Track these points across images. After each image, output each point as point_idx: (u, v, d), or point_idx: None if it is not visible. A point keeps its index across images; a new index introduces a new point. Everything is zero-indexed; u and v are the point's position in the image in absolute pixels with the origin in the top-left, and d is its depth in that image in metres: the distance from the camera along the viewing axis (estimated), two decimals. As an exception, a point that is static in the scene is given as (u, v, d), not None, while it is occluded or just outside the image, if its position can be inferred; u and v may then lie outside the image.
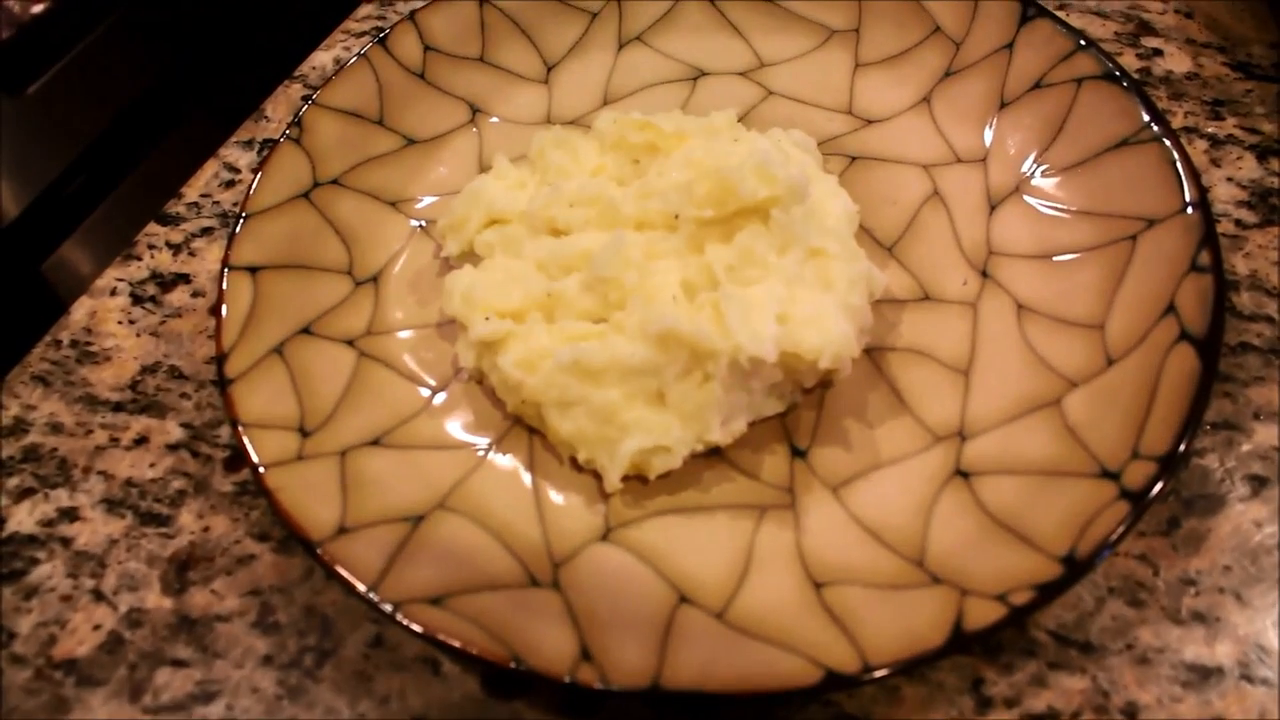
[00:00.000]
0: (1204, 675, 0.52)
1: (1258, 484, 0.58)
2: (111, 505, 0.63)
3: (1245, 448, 0.59)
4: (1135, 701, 0.52)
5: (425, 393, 0.63)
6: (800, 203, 0.59)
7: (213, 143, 0.81)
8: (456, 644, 0.49)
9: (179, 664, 0.57)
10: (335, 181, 0.69)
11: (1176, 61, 0.78)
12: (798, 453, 0.59)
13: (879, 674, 0.47)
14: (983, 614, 0.48)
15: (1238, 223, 0.68)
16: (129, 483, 0.64)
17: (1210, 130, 0.73)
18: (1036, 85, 0.68)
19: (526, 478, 0.60)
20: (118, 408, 0.67)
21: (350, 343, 0.64)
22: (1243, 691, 0.52)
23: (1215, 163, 0.72)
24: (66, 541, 0.62)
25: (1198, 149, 0.72)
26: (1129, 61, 0.78)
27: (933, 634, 0.48)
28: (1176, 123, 0.74)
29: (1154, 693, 0.52)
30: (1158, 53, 0.78)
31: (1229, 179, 0.71)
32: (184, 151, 0.83)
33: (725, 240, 0.59)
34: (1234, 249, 0.67)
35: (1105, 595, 0.55)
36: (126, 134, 0.89)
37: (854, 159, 0.71)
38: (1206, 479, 0.58)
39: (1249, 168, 0.71)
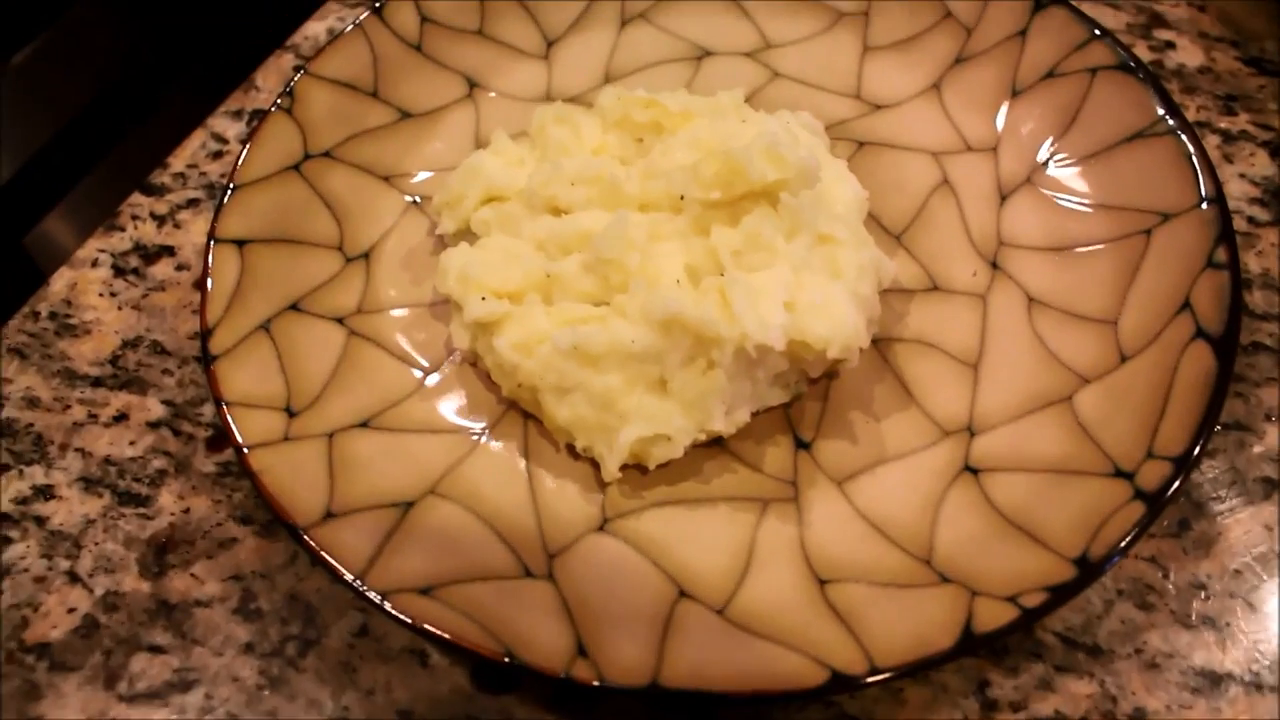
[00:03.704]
0: (1214, 681, 0.51)
1: (1269, 487, 0.57)
2: (89, 484, 0.61)
3: (1257, 449, 0.58)
4: (1143, 707, 0.51)
5: (417, 374, 0.61)
6: (810, 187, 0.57)
7: (200, 112, 0.78)
8: (448, 636, 0.47)
9: (156, 650, 0.55)
10: (327, 154, 0.67)
11: (1189, 55, 0.76)
12: (802, 444, 0.58)
13: (886, 676, 0.45)
14: (993, 616, 0.47)
15: (1250, 219, 0.67)
16: (107, 461, 0.61)
17: (1223, 125, 0.72)
18: (1050, 74, 0.67)
19: (521, 464, 0.58)
20: (97, 383, 0.65)
21: (340, 320, 0.62)
22: (1253, 699, 0.51)
23: (1228, 158, 0.70)
24: (41, 520, 0.59)
25: (1210, 144, 0.71)
26: (1141, 53, 0.76)
27: (942, 635, 0.46)
28: (1189, 117, 0.72)
29: (1163, 699, 0.51)
30: (1170, 45, 0.77)
31: (1241, 175, 0.69)
32: (170, 121, 0.80)
33: (731, 223, 0.58)
34: (1247, 246, 0.66)
35: (1114, 598, 0.53)
36: (112, 106, 0.86)
37: (861, 144, 0.69)
38: (1218, 481, 0.57)
39: (1262, 164, 0.70)
